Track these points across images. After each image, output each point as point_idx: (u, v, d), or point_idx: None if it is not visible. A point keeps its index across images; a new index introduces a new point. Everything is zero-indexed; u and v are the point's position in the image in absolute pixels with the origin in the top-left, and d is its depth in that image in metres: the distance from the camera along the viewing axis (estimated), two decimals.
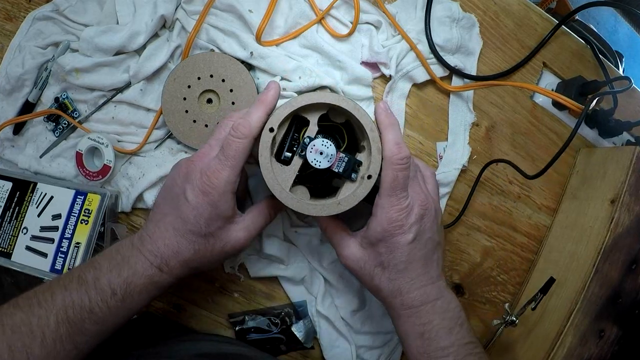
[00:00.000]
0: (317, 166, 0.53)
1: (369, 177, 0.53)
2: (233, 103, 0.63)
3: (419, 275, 0.53)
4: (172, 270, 0.51)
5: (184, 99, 0.63)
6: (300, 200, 0.53)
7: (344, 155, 0.53)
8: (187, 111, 0.63)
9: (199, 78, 0.63)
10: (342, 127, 0.58)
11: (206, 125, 0.63)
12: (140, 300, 0.51)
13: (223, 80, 0.63)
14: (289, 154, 0.55)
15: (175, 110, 0.63)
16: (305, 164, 0.53)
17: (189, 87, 0.63)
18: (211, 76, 0.63)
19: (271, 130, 0.52)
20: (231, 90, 0.63)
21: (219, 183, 0.50)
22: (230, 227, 0.53)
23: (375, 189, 0.54)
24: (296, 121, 0.55)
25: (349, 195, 0.53)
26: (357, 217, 0.61)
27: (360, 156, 0.55)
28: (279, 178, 0.52)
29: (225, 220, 0.52)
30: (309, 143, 0.52)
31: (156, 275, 0.50)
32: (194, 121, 0.63)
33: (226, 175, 0.50)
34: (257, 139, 0.52)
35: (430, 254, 0.54)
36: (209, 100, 0.64)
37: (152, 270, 0.50)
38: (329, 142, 0.52)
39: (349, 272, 0.62)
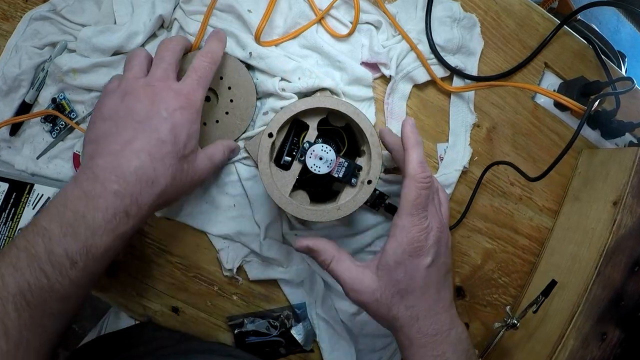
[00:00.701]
0: (316, 172, 0.53)
1: (369, 182, 0.53)
2: (231, 100, 0.63)
3: (435, 302, 0.52)
4: (141, 211, 0.46)
5: None
6: (299, 206, 0.53)
7: (343, 160, 0.53)
8: None
9: None
10: (342, 130, 0.58)
11: (204, 124, 0.63)
12: (104, 261, 0.46)
13: (221, 78, 0.63)
14: (288, 159, 0.55)
15: None
16: (305, 168, 0.53)
17: None
18: None
19: (270, 135, 0.52)
20: (229, 88, 0.63)
21: (196, 100, 0.51)
22: (198, 153, 0.53)
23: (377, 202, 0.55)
24: (295, 125, 0.55)
25: (349, 200, 0.53)
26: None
27: (360, 161, 0.55)
28: (278, 183, 0.52)
29: (196, 142, 0.52)
30: (308, 148, 0.52)
31: (121, 224, 0.44)
32: None
33: (201, 94, 0.53)
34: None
35: (443, 279, 0.53)
36: (207, 99, 0.63)
37: (117, 219, 0.44)
38: (329, 147, 0.52)
39: (358, 307, 0.57)
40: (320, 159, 0.52)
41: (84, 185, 0.44)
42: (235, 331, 0.67)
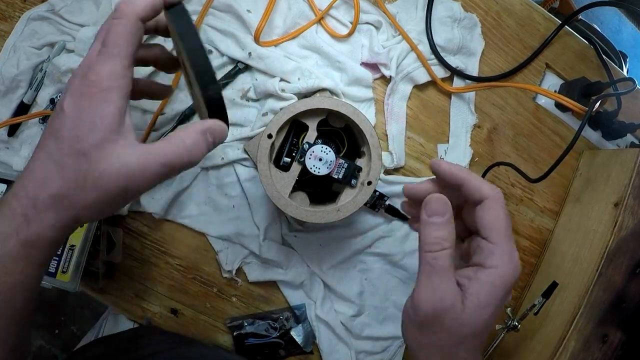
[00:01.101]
0: (316, 173, 0.53)
1: (369, 183, 0.53)
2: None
3: None
4: (41, 215, 0.37)
5: None
6: (299, 207, 0.53)
7: (343, 161, 0.53)
8: None
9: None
10: (342, 131, 0.58)
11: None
12: (22, 275, 0.38)
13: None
14: (287, 160, 0.55)
15: None
16: (305, 169, 0.53)
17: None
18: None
19: (269, 136, 0.52)
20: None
21: (98, 78, 0.38)
22: (111, 150, 0.38)
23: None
24: (295, 126, 0.55)
25: (349, 201, 0.53)
26: None
27: (360, 162, 0.55)
28: (277, 184, 0.52)
29: (105, 132, 0.38)
30: (307, 149, 0.52)
31: (21, 227, 0.37)
32: None
33: (108, 67, 0.38)
34: (154, 26, 0.43)
35: None
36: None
37: (17, 221, 0.37)
38: (328, 148, 0.52)
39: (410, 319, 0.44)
40: (320, 160, 0.52)
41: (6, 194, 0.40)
42: (235, 333, 0.67)
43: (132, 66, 0.41)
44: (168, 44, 0.63)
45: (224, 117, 0.43)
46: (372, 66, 0.68)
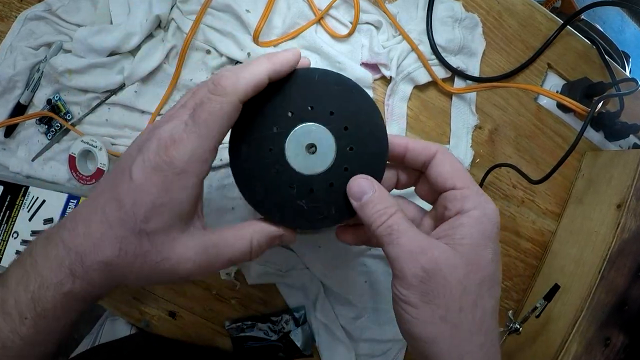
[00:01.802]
0: None
1: None
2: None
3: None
4: (88, 274, 0.36)
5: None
6: None
7: None
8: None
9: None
10: None
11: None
12: (59, 322, 0.38)
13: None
14: None
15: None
16: None
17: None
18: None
19: None
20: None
21: (178, 157, 0.35)
22: (179, 236, 0.37)
23: None
24: None
25: None
26: None
27: None
28: None
29: (176, 219, 0.36)
30: None
31: (67, 281, 0.36)
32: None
33: (191, 147, 0.35)
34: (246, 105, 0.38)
35: None
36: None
37: (62, 273, 0.36)
38: None
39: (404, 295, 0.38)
40: None
41: (52, 229, 0.38)
42: (234, 336, 0.67)
43: (217, 148, 0.37)
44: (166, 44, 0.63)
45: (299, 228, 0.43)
46: (372, 66, 0.68)
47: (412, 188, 0.48)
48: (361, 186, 0.41)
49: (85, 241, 0.36)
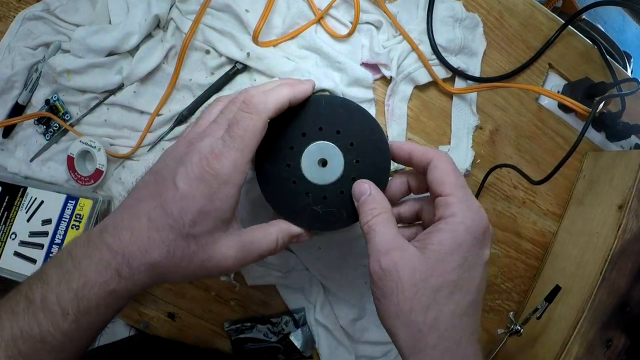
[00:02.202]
0: None
1: None
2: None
3: (474, 323, 0.45)
4: (134, 275, 0.40)
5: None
6: None
7: None
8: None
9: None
10: None
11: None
12: (100, 318, 0.41)
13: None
14: None
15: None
16: None
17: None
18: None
19: None
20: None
21: (221, 169, 0.40)
22: (221, 237, 0.43)
23: None
24: None
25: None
26: None
27: None
28: None
29: (219, 222, 0.42)
30: None
31: (113, 281, 0.40)
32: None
33: (232, 159, 0.40)
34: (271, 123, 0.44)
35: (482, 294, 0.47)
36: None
37: (108, 274, 0.39)
38: None
39: (377, 291, 0.43)
40: None
41: (92, 233, 0.42)
42: (233, 337, 0.67)
43: (251, 161, 0.43)
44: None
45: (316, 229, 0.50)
46: (373, 66, 0.68)
47: None
48: (360, 189, 0.47)
49: (132, 246, 0.40)
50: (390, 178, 0.52)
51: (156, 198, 0.41)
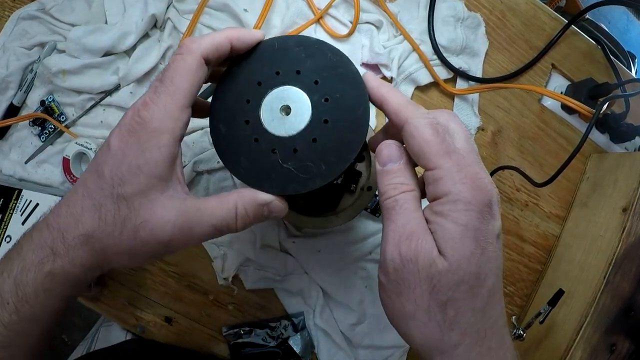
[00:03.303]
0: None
1: (369, 188, 0.53)
2: None
3: (501, 310, 0.40)
4: (70, 251, 0.37)
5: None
6: (297, 213, 0.52)
7: None
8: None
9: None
10: None
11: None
12: (40, 307, 0.38)
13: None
14: None
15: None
16: None
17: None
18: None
19: None
20: None
21: (149, 115, 0.36)
22: (156, 198, 0.37)
23: None
24: None
25: (348, 207, 0.53)
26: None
27: (359, 166, 0.55)
28: None
29: (152, 179, 0.37)
30: None
31: (47, 260, 0.36)
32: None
33: (162, 105, 0.37)
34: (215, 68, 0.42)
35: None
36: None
37: (43, 252, 0.37)
38: None
39: (387, 281, 0.38)
40: None
41: (40, 218, 0.39)
42: (231, 342, 0.67)
43: (189, 108, 0.38)
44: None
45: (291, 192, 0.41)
46: (373, 67, 0.68)
47: None
48: (391, 153, 0.40)
49: (68, 219, 0.37)
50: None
51: (92, 164, 0.38)
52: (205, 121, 0.45)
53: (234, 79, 0.42)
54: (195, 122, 0.64)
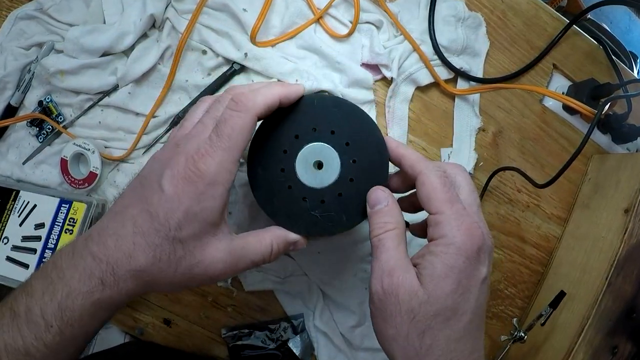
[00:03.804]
0: None
1: None
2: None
3: (476, 345, 0.44)
4: (119, 283, 0.40)
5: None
6: None
7: None
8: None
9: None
10: None
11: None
12: (84, 329, 0.40)
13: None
14: None
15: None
16: None
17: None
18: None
19: None
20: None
21: (207, 169, 0.39)
22: (209, 241, 0.42)
23: None
24: None
25: None
26: None
27: None
28: None
29: (206, 225, 0.41)
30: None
31: (97, 290, 0.39)
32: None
33: (218, 159, 0.40)
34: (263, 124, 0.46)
35: (484, 311, 0.46)
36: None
37: (92, 283, 0.39)
38: None
39: (374, 305, 0.43)
40: None
41: (77, 242, 0.41)
42: (230, 344, 0.67)
43: (239, 161, 0.42)
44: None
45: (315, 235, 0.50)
46: (373, 67, 0.68)
47: None
48: (378, 197, 0.46)
49: (117, 252, 0.39)
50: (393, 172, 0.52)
51: (142, 202, 0.41)
52: None
53: (274, 128, 0.48)
54: None
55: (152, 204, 0.40)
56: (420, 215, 0.49)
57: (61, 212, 0.60)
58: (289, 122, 0.48)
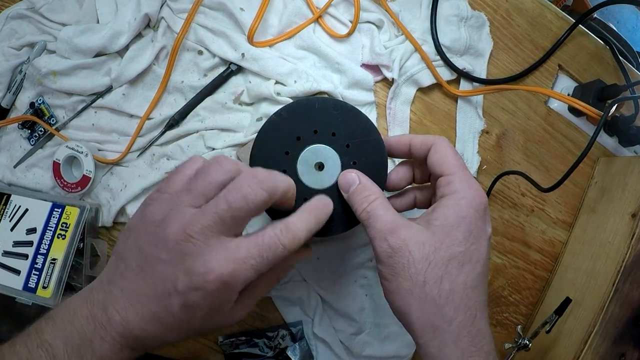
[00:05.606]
0: None
1: None
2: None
3: (483, 303, 0.47)
4: (147, 349, 0.43)
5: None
6: None
7: None
8: None
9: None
10: None
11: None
12: None
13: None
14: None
15: None
16: None
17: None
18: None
19: None
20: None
21: (235, 281, 0.39)
22: (228, 312, 0.43)
23: None
24: None
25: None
26: None
27: None
28: None
29: (221, 320, 0.43)
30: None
31: (127, 356, 0.42)
32: None
33: (245, 269, 0.39)
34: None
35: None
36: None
37: (123, 353, 0.41)
38: None
39: (384, 272, 0.44)
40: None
41: (94, 308, 0.41)
42: (227, 352, 0.67)
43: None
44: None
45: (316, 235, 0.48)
46: (374, 68, 0.68)
47: None
48: (347, 179, 0.48)
49: (143, 332, 0.41)
50: (392, 169, 0.54)
51: (159, 297, 0.40)
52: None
53: (276, 130, 0.50)
54: (190, 126, 0.64)
55: (173, 306, 0.40)
56: (414, 212, 0.54)
57: (53, 217, 0.60)
58: (290, 124, 0.50)
